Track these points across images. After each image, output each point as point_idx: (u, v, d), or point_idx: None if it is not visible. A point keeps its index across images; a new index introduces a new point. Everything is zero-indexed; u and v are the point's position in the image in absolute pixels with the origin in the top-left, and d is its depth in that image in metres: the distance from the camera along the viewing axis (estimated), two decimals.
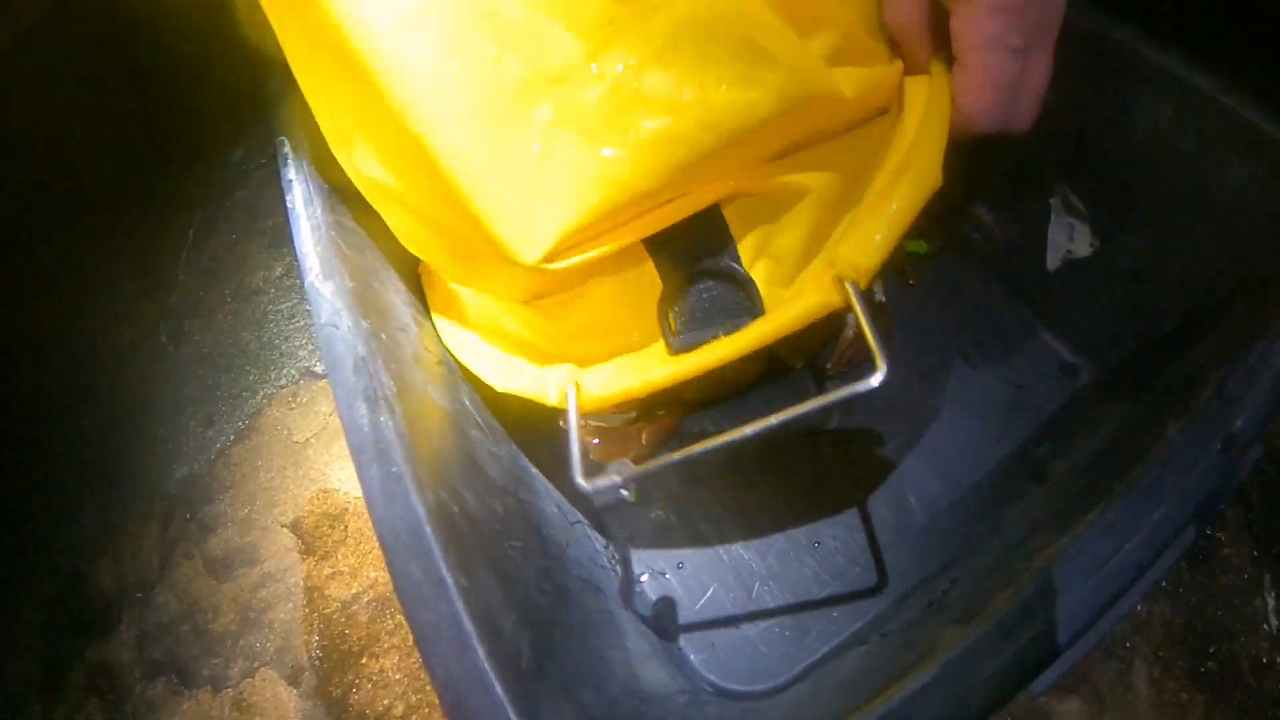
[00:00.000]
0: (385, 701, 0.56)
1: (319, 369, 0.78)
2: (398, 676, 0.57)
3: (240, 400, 0.78)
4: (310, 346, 0.80)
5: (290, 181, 0.52)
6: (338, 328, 0.41)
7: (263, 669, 0.62)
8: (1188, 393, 0.33)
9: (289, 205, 0.50)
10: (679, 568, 0.53)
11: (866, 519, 0.51)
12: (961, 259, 0.59)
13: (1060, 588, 0.27)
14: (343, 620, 0.61)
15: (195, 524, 0.72)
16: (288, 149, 0.58)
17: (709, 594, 0.51)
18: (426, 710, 0.55)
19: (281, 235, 0.92)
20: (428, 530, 0.31)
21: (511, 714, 0.26)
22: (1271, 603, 0.51)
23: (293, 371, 0.78)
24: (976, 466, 0.51)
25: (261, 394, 0.78)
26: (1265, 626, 0.50)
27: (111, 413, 0.84)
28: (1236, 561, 0.52)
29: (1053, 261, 0.52)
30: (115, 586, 0.71)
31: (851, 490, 0.52)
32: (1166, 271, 0.45)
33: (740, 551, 0.52)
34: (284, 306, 0.84)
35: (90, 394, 0.86)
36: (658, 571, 0.53)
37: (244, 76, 1.08)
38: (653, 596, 0.52)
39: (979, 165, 0.46)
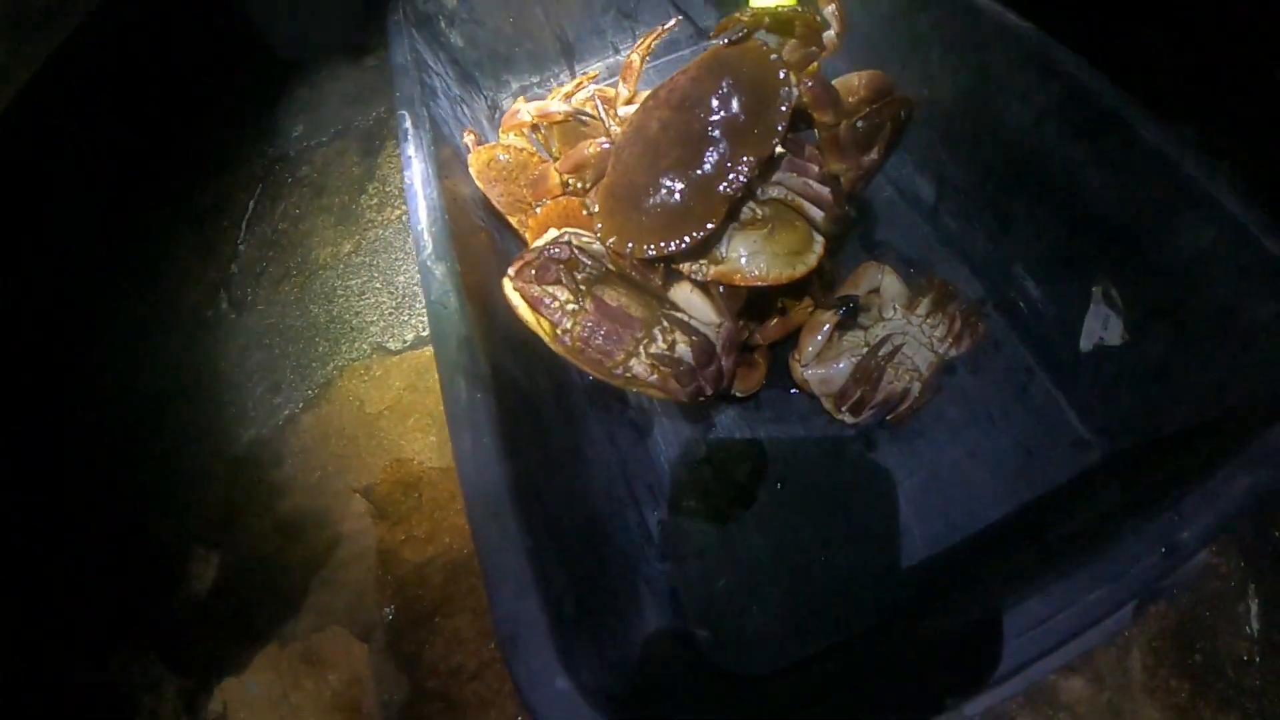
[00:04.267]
0: (457, 658, 0.64)
1: (392, 345, 0.85)
2: (470, 635, 0.65)
3: (309, 370, 0.85)
4: (382, 323, 0.87)
5: (410, 158, 0.61)
6: (445, 307, 0.49)
7: (333, 625, 0.69)
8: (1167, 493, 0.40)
9: (408, 182, 0.59)
10: (700, 555, 0.61)
11: (873, 543, 0.60)
12: (1005, 322, 0.68)
13: (993, 636, 0.36)
14: (416, 582, 0.69)
15: (264, 486, 0.78)
16: (408, 124, 0.64)
17: (721, 583, 0.59)
18: (498, 667, 0.63)
19: (349, 214, 0.98)
20: (508, 497, 0.41)
21: (554, 651, 0.36)
22: (1254, 608, 0.61)
23: (364, 346, 0.86)
24: (980, 517, 0.60)
25: (332, 365, 0.85)
26: (1247, 629, 0.60)
27: (173, 375, 0.90)
28: (1224, 570, 0.63)
29: (1085, 344, 0.61)
30: (180, 543, 0.78)
31: (865, 515, 0.61)
32: (1184, 377, 0.53)
33: (756, 550, 0.60)
34: (354, 283, 0.92)
35: (151, 356, 0.92)
36: (680, 556, 0.61)
37: (300, 54, 1.18)
38: (673, 577, 0.60)
39: None
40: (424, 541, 0.72)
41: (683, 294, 0.52)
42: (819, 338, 0.60)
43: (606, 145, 0.57)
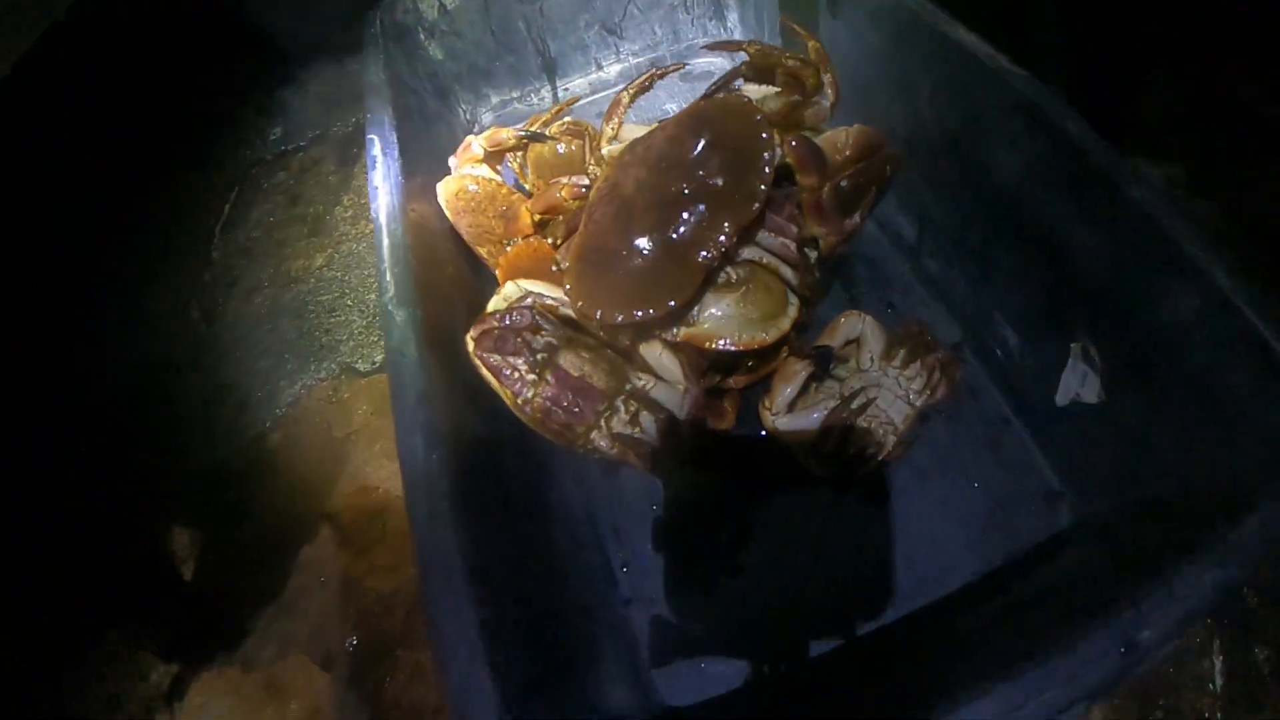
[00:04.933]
0: (419, 692, 0.63)
1: (361, 366, 0.83)
2: (432, 670, 0.64)
3: (277, 389, 0.83)
4: (352, 343, 0.85)
5: (376, 189, 0.58)
6: (405, 356, 0.47)
7: (296, 653, 0.67)
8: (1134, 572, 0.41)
9: (374, 214, 0.57)
10: (663, 599, 0.59)
11: (836, 594, 0.59)
12: (982, 368, 0.67)
13: None
14: (379, 613, 0.67)
15: (229, 508, 0.77)
16: (376, 149, 0.62)
17: (683, 631, 0.58)
18: None
19: (323, 225, 0.96)
20: (463, 568, 0.40)
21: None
22: (1219, 665, 0.60)
23: (333, 366, 0.84)
24: (947, 570, 0.58)
25: (300, 385, 0.83)
26: (1210, 685, 0.60)
27: (140, 388, 0.87)
28: (1190, 629, 0.61)
29: (1062, 399, 0.59)
30: (144, 560, 0.76)
31: (830, 564, 0.60)
32: (1159, 442, 0.52)
33: (719, 596, 0.59)
34: (325, 299, 0.89)
35: (118, 366, 0.89)
36: (643, 599, 0.59)
37: (283, 53, 1.15)
38: (634, 622, 0.59)
39: None
40: (388, 572, 0.70)
41: (651, 353, 0.50)
42: (790, 389, 0.59)
43: (582, 188, 0.55)
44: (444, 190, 0.67)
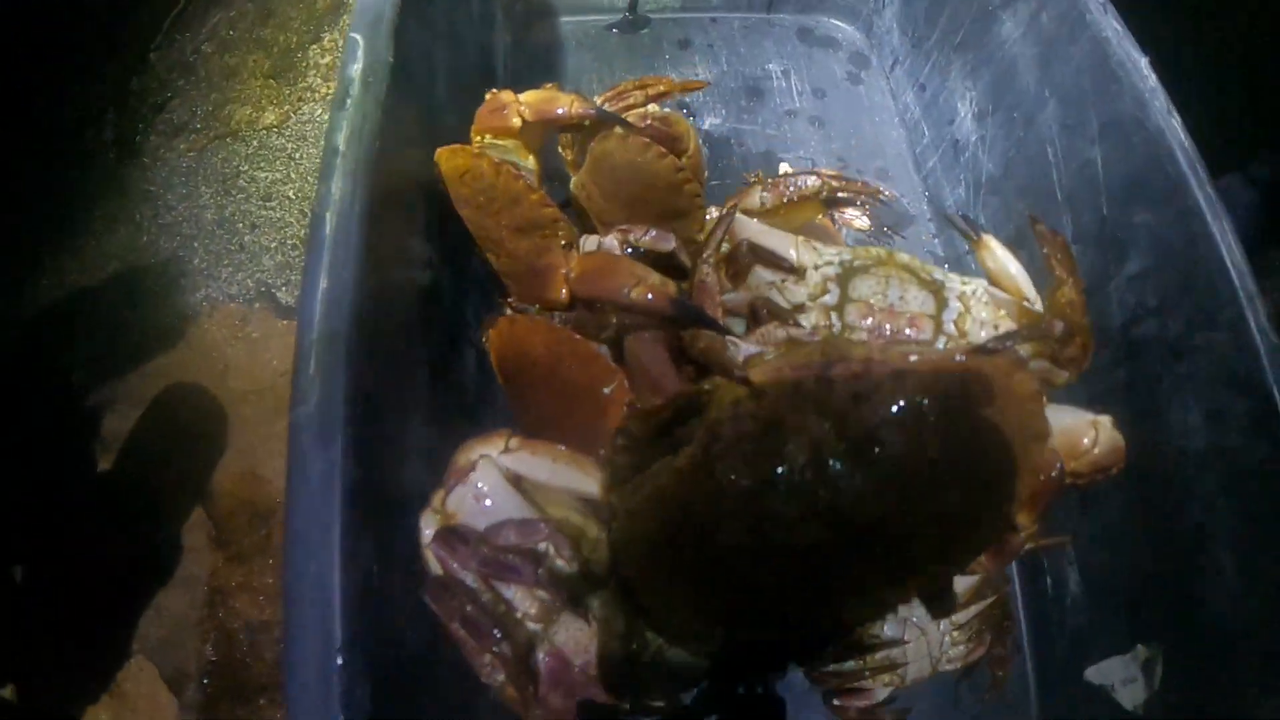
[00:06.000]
0: None
1: (283, 298, 0.63)
2: None
3: (175, 288, 0.63)
4: (280, 256, 0.64)
5: (338, 154, 0.36)
6: (307, 570, 0.29)
7: (141, 656, 0.55)
8: None
9: (321, 206, 0.35)
10: None
11: None
12: (1016, 584, 0.57)
13: None
14: (246, 645, 0.55)
15: (90, 438, 0.60)
16: (357, 67, 0.39)
17: None
18: None
19: (289, 66, 0.71)
20: None
21: None
22: None
23: (249, 283, 0.64)
24: None
25: (202, 293, 0.63)
26: None
27: (23, 223, 0.65)
28: None
29: (1093, 677, 0.50)
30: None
31: None
32: None
33: None
34: (262, 177, 0.67)
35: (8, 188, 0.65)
36: None
37: None
38: None
39: None
40: (265, 599, 0.57)
41: None
42: None
43: (669, 298, 0.36)
44: (446, 162, 0.45)
